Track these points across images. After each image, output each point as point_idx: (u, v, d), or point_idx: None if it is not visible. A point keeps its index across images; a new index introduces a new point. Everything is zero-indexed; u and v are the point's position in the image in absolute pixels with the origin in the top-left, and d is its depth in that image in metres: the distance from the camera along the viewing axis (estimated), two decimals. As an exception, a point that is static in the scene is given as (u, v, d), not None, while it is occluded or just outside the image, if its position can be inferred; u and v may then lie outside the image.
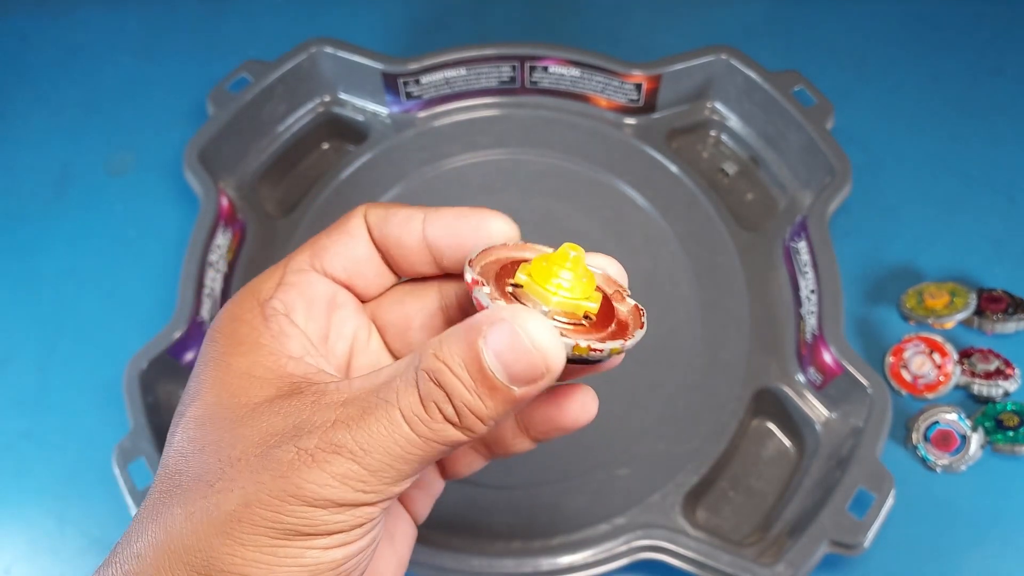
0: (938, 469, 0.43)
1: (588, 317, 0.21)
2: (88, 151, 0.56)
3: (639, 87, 0.50)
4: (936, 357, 0.45)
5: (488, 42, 0.50)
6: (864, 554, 0.38)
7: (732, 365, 0.44)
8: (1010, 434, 0.42)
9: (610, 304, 0.22)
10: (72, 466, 0.45)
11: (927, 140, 0.54)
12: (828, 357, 0.42)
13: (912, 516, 0.42)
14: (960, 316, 0.45)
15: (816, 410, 0.43)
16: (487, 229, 0.23)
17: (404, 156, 0.51)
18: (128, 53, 0.60)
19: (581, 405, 0.24)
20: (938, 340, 0.45)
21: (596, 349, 0.20)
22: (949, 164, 0.53)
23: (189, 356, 0.44)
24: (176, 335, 0.43)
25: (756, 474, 0.43)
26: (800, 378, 0.44)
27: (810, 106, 0.48)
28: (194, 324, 0.44)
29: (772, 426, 0.44)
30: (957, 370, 0.44)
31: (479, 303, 0.20)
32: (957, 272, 0.49)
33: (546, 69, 0.51)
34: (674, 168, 0.50)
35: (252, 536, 0.19)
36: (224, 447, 0.20)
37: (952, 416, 0.43)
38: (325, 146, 0.55)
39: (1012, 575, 0.41)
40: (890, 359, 0.45)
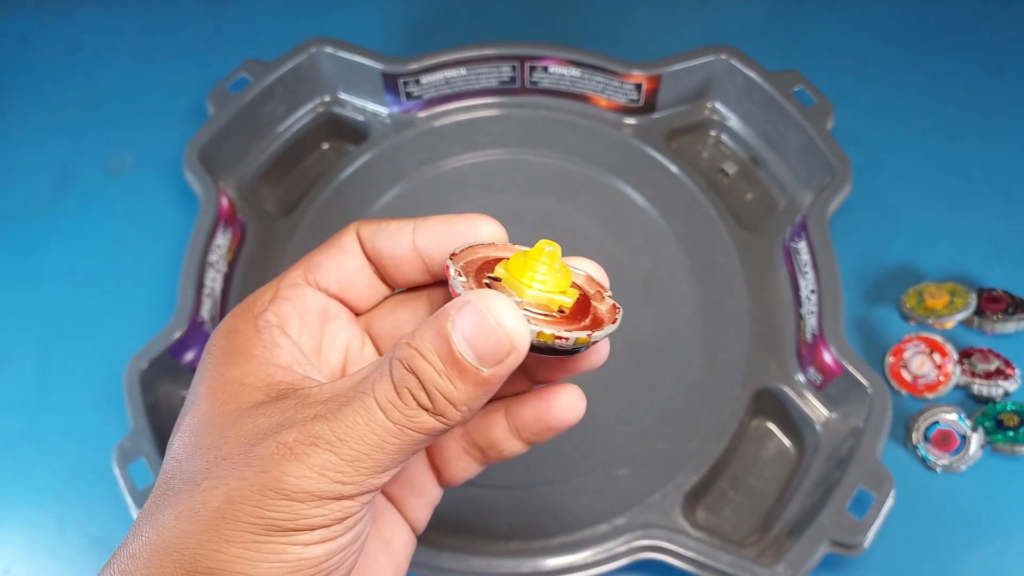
0: (938, 469, 0.43)
1: (562, 311, 0.22)
2: (88, 151, 0.56)
3: (639, 87, 0.50)
4: (936, 357, 0.45)
5: (488, 42, 0.50)
6: (864, 554, 0.38)
7: (732, 365, 0.44)
8: (1010, 434, 0.42)
9: (588, 301, 0.23)
10: (72, 466, 0.45)
11: (927, 140, 0.54)
12: (828, 357, 0.42)
13: (912, 516, 0.42)
14: (960, 316, 0.45)
15: (816, 410, 0.43)
16: (476, 232, 0.24)
17: (404, 156, 0.51)
18: (128, 53, 0.60)
19: (568, 404, 0.25)
20: (938, 340, 0.45)
21: (561, 337, 0.20)
22: (949, 164, 0.53)
23: (189, 356, 0.44)
24: (176, 335, 0.43)
25: (756, 474, 0.43)
26: (800, 378, 0.44)
27: (810, 106, 0.48)
28: (194, 324, 0.44)
29: (772, 426, 0.44)
30: (957, 370, 0.44)
31: (454, 291, 0.21)
32: (957, 272, 0.49)
33: (546, 69, 0.51)
34: (674, 168, 0.50)
35: (236, 532, 0.19)
36: (213, 449, 0.21)
37: (952, 416, 0.43)
38: (325, 146, 0.55)
39: (1012, 575, 0.41)
40: (890, 359, 0.45)
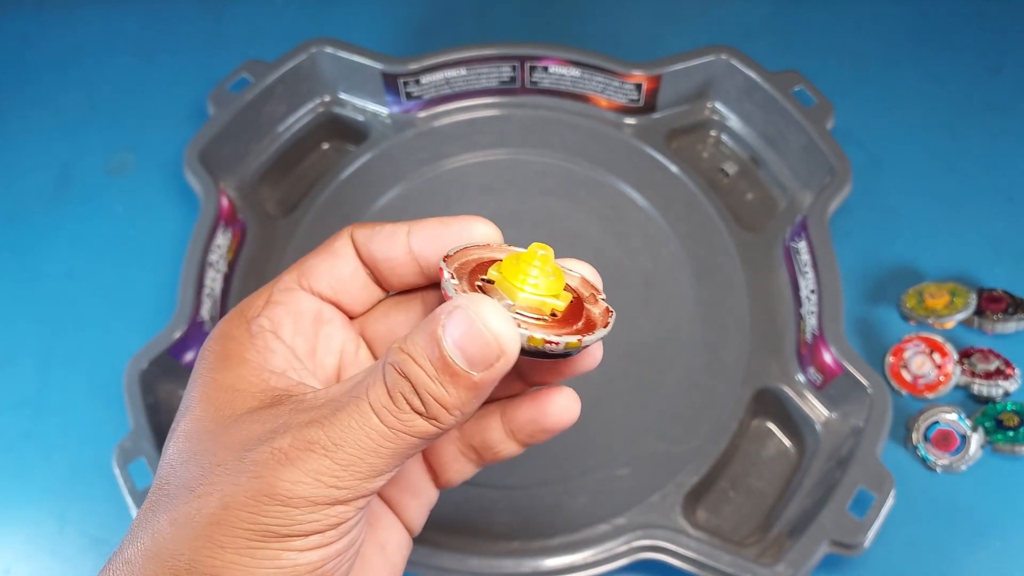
0: (938, 469, 0.43)
1: (554, 314, 0.22)
2: (88, 151, 0.56)
3: (639, 87, 0.50)
4: (936, 357, 0.45)
5: (488, 42, 0.50)
6: (864, 554, 0.38)
7: (732, 365, 0.44)
8: (1010, 434, 0.42)
9: (581, 304, 0.23)
10: (72, 466, 0.45)
11: (927, 140, 0.54)
12: (828, 357, 0.42)
13: (912, 516, 0.42)
14: (960, 316, 0.45)
15: (816, 410, 0.43)
16: (470, 234, 0.24)
17: (404, 156, 0.51)
18: (128, 53, 0.60)
19: (563, 407, 0.25)
20: (938, 340, 0.45)
21: (551, 342, 0.20)
22: (949, 164, 0.53)
23: (189, 356, 0.44)
24: (176, 335, 0.43)
25: (756, 474, 0.43)
26: (800, 378, 0.44)
27: (810, 106, 0.48)
28: (194, 324, 0.44)
29: (772, 426, 0.44)
30: (957, 370, 0.44)
31: (446, 294, 0.21)
32: (957, 272, 0.49)
33: (546, 69, 0.51)
34: (674, 168, 0.50)
35: (231, 538, 0.19)
36: (208, 455, 0.21)
37: (952, 416, 0.43)
38: (325, 146, 0.55)
39: (1012, 575, 0.41)
40: (890, 359, 0.45)
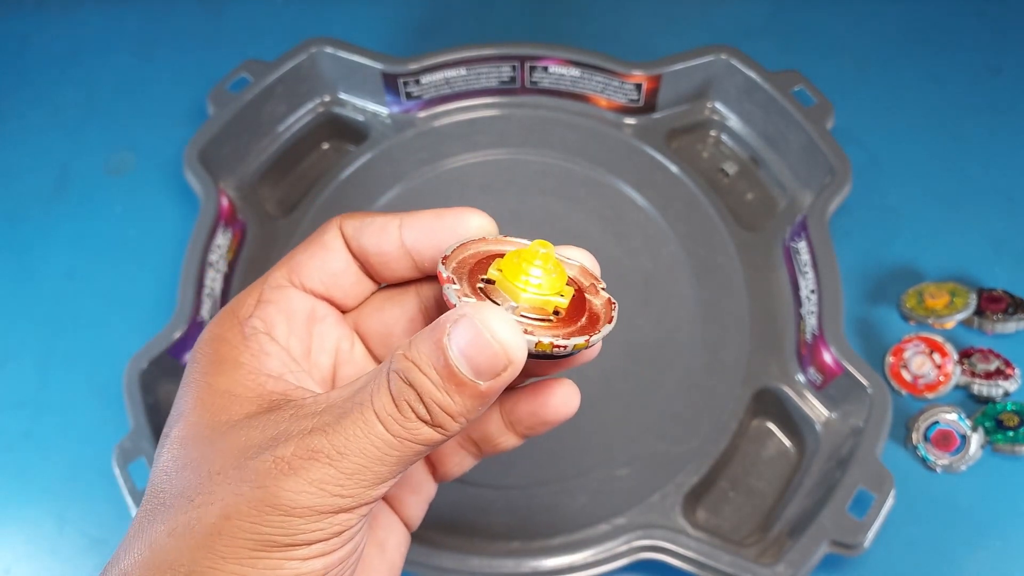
0: (938, 469, 0.43)
1: (557, 312, 0.21)
2: (88, 151, 0.56)
3: (639, 87, 0.50)
4: (936, 357, 0.45)
5: (488, 42, 0.50)
6: (864, 554, 0.38)
7: (732, 365, 0.44)
8: (1010, 434, 0.42)
9: (583, 298, 0.23)
10: (72, 466, 0.45)
11: (927, 140, 0.54)
12: (828, 357, 0.42)
13: (912, 516, 0.42)
14: (960, 316, 0.45)
15: (816, 410, 0.43)
16: (464, 227, 0.23)
17: (404, 156, 0.51)
18: (128, 53, 0.60)
19: (563, 399, 0.24)
20: (938, 340, 0.45)
21: (559, 346, 0.20)
22: (949, 164, 0.53)
23: (189, 356, 0.44)
24: (176, 335, 0.43)
25: (756, 474, 0.43)
26: (800, 378, 0.44)
27: (810, 106, 0.48)
28: (194, 324, 0.44)
29: (772, 426, 0.44)
30: (957, 370, 0.44)
31: (448, 301, 0.21)
32: (957, 272, 0.49)
33: (546, 69, 0.51)
34: (674, 168, 0.50)
35: (232, 549, 0.19)
36: (205, 463, 0.20)
37: (952, 416, 0.43)
38: (325, 146, 0.55)
39: (1012, 575, 0.41)
40: (890, 359, 0.45)
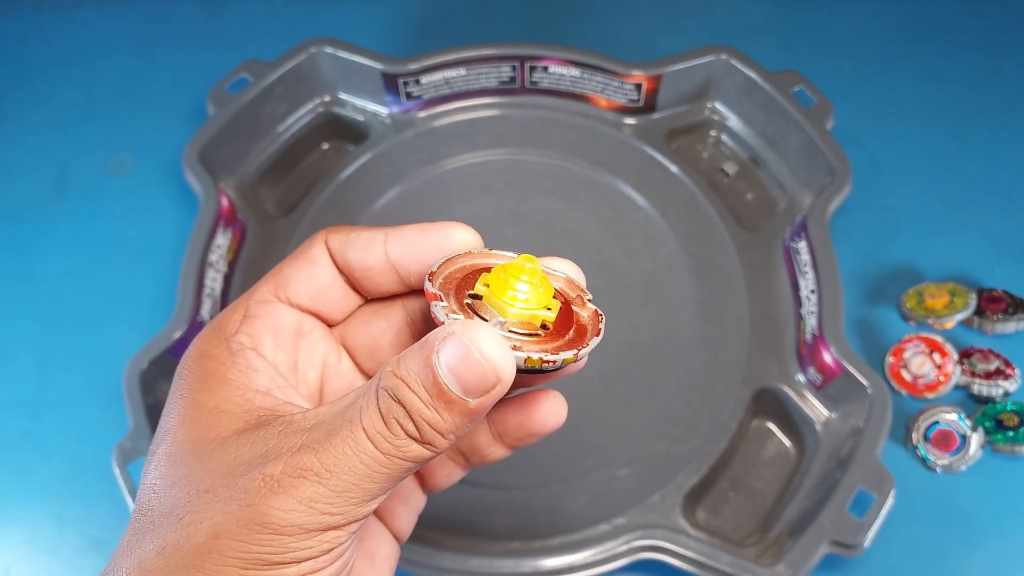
0: (938, 469, 0.43)
1: (545, 326, 0.21)
2: (88, 151, 0.56)
3: (639, 87, 0.50)
4: (936, 357, 0.45)
5: (488, 42, 0.50)
6: (864, 554, 0.38)
7: (732, 365, 0.44)
8: (1010, 434, 0.42)
9: (570, 310, 0.23)
10: (72, 466, 0.45)
11: (927, 140, 0.54)
12: (828, 357, 0.42)
13: (912, 516, 0.42)
14: (960, 316, 0.45)
15: (816, 410, 0.43)
16: (449, 241, 0.23)
17: (404, 156, 0.51)
18: (128, 53, 0.60)
19: (550, 411, 0.24)
20: (938, 340, 0.45)
21: (548, 361, 0.20)
22: (949, 164, 0.53)
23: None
24: (176, 335, 0.43)
25: (756, 474, 0.43)
26: (800, 378, 0.44)
27: (810, 106, 0.48)
28: (194, 324, 0.44)
29: (772, 426, 0.44)
30: (957, 370, 0.44)
31: (436, 318, 0.21)
32: (957, 272, 0.49)
33: (546, 69, 0.51)
34: (674, 168, 0.50)
35: (222, 568, 0.19)
36: (193, 481, 0.20)
37: (952, 416, 0.43)
38: (325, 146, 0.55)
39: (1012, 575, 0.41)
40: (890, 359, 0.45)
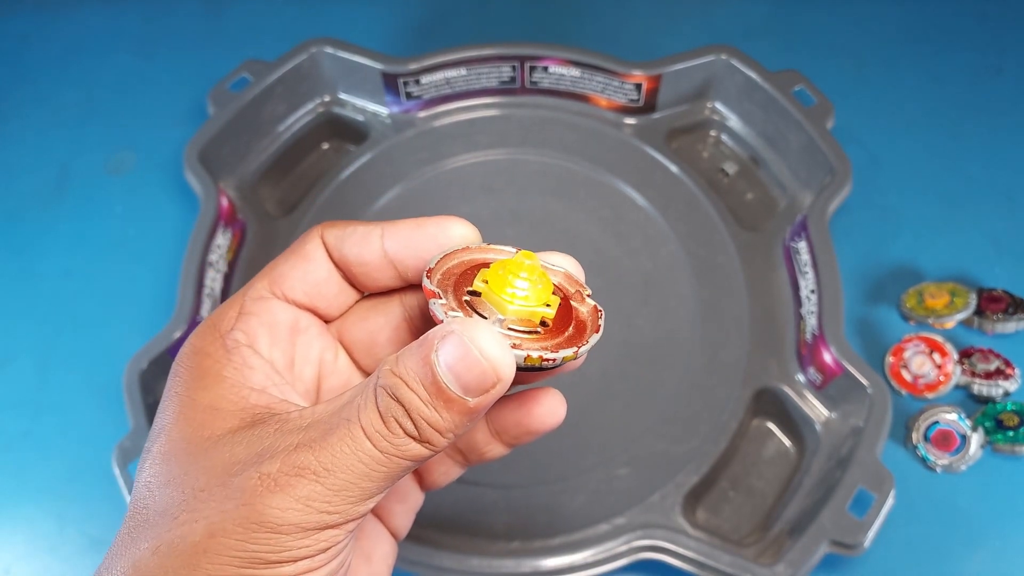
0: (938, 469, 0.43)
1: (544, 323, 0.21)
2: (88, 151, 0.56)
3: (639, 87, 0.50)
4: (936, 357, 0.45)
5: (488, 42, 0.50)
6: (864, 554, 0.38)
7: (732, 365, 0.44)
8: (1010, 434, 0.42)
9: (569, 306, 0.22)
10: (72, 466, 0.45)
11: (927, 140, 0.54)
12: (828, 357, 0.42)
13: (912, 516, 0.42)
14: (960, 316, 0.45)
15: (816, 410, 0.43)
16: (446, 236, 0.23)
17: (404, 156, 0.51)
18: (128, 53, 0.60)
19: (549, 409, 0.24)
20: (938, 340, 0.45)
21: (548, 359, 0.20)
22: (949, 164, 0.53)
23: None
24: (176, 335, 0.43)
25: (756, 474, 0.43)
26: (800, 378, 0.44)
27: (810, 106, 0.48)
28: (194, 324, 0.44)
29: (772, 426, 0.44)
30: (957, 370, 0.44)
31: (435, 316, 0.20)
32: (957, 272, 0.49)
33: (546, 69, 0.51)
34: (674, 168, 0.50)
35: (218, 567, 0.19)
36: (188, 479, 0.20)
37: (952, 416, 0.43)
38: (325, 146, 0.55)
39: (1012, 575, 0.41)
40: (890, 359, 0.45)
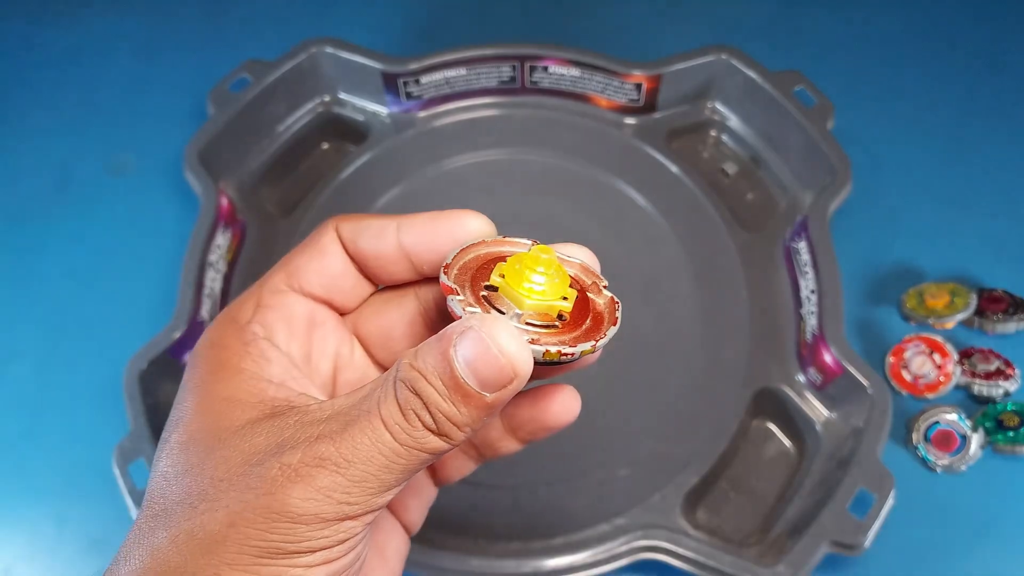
0: (938, 469, 0.43)
1: (562, 316, 0.21)
2: (88, 151, 0.56)
3: (639, 87, 0.50)
4: (936, 357, 0.45)
5: (488, 42, 0.50)
6: (864, 554, 0.38)
7: (732, 365, 0.44)
8: (1010, 434, 0.42)
9: (586, 298, 0.22)
10: (72, 466, 0.45)
11: (927, 140, 0.54)
12: (828, 357, 0.42)
13: (912, 516, 0.42)
14: (960, 316, 0.45)
15: (816, 410, 0.43)
16: (462, 229, 0.23)
17: (404, 156, 0.51)
18: (128, 53, 0.60)
19: (563, 405, 0.24)
20: (938, 340, 0.45)
21: (566, 353, 0.20)
22: (949, 164, 0.53)
23: (188, 361, 0.44)
24: (176, 335, 0.43)
25: (756, 474, 0.43)
26: (800, 378, 0.44)
27: (811, 106, 0.48)
28: (194, 324, 0.44)
29: (772, 426, 0.44)
30: (957, 370, 0.44)
31: (453, 312, 0.20)
32: (957, 272, 0.49)
33: (546, 69, 0.51)
34: (674, 168, 0.50)
35: (237, 556, 0.19)
36: (207, 469, 0.20)
37: (952, 416, 0.43)
38: (325, 146, 0.55)
39: (1012, 575, 0.41)
40: (890, 359, 0.45)
